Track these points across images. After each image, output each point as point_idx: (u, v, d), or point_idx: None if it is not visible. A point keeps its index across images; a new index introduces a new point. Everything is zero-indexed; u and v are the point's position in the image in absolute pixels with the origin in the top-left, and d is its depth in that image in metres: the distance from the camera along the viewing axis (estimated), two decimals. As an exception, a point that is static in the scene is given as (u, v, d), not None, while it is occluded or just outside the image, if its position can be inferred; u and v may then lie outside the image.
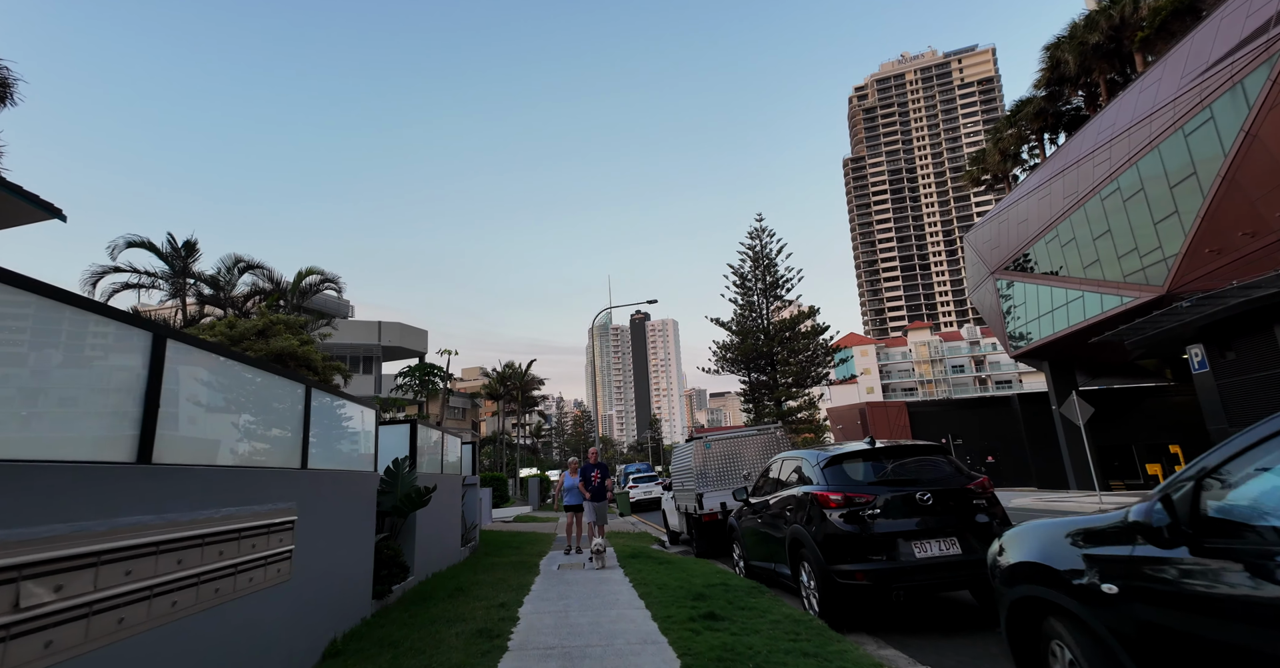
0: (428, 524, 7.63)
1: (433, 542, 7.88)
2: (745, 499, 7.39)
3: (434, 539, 7.93)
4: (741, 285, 43.97)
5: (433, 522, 7.93)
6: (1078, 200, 24.53)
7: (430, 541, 7.72)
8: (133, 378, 2.71)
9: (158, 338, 2.82)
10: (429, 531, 7.69)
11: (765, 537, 6.63)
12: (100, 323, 2.64)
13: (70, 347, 2.53)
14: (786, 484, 6.31)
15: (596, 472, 10.28)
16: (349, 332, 32.93)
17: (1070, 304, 26.30)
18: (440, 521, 8.37)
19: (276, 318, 14.05)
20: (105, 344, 2.69)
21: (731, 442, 10.77)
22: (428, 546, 7.61)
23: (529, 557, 10.39)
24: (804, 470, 5.87)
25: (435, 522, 8.06)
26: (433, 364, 21.90)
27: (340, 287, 18.87)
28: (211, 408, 3.47)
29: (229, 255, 17.36)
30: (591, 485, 10.22)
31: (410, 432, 7.24)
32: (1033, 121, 29.81)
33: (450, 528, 9.14)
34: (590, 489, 10.23)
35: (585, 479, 10.33)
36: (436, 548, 8.12)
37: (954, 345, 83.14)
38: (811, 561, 5.24)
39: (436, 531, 8.11)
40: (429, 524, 7.70)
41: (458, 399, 55.57)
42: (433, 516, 7.93)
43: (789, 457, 6.56)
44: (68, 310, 2.40)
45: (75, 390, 2.58)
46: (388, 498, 6.61)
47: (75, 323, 2.48)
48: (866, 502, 5.03)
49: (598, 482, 10.25)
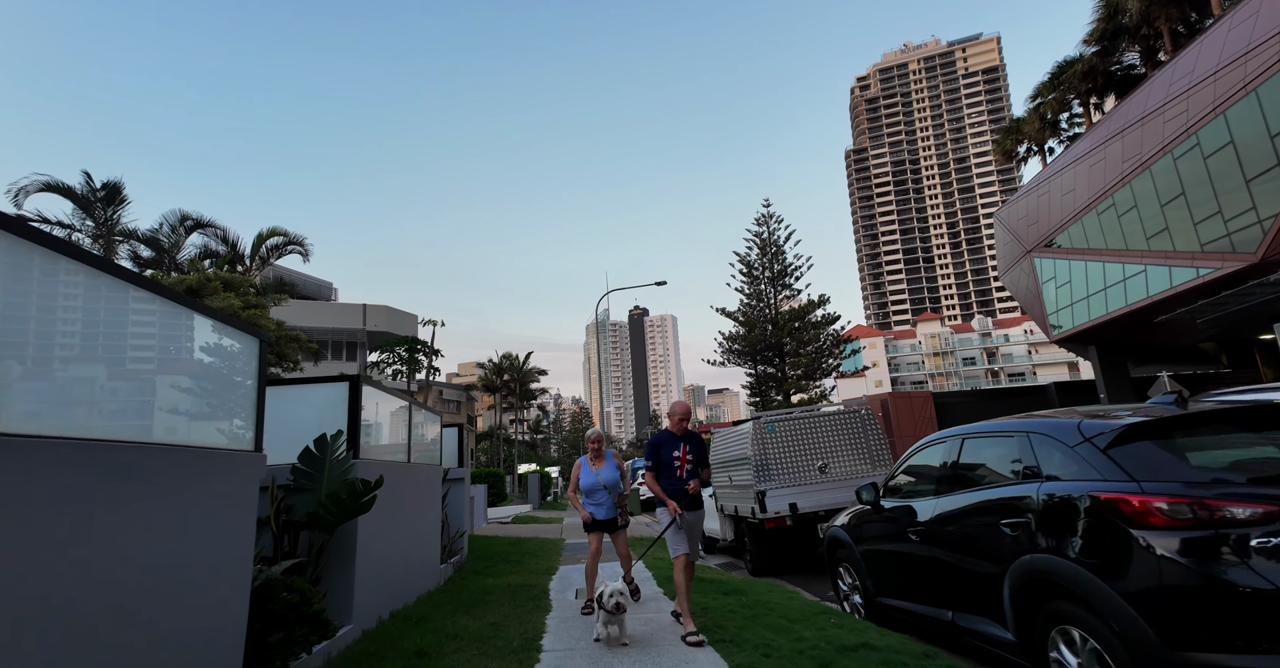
0: (379, 540, 4.99)
1: (389, 566, 5.23)
2: (874, 501, 4.75)
3: (391, 563, 5.28)
4: (748, 274, 41.71)
5: (389, 535, 5.28)
6: (1141, 162, 21.89)
7: (383, 566, 5.07)
8: None
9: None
10: (381, 550, 5.04)
11: (925, 565, 4.01)
12: None
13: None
14: (979, 481, 3.68)
15: (684, 448, 4.85)
16: (331, 315, 30.26)
17: (1129, 280, 23.68)
18: (402, 532, 5.71)
19: (212, 274, 11.37)
20: None
21: (800, 424, 8.14)
22: (379, 574, 4.97)
23: (534, 576, 7.76)
24: (1040, 455, 3.21)
25: (393, 535, 5.41)
26: (416, 338, 19.20)
27: (307, 250, 16.18)
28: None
29: (174, 211, 14.67)
30: (677, 479, 4.77)
31: (349, 396, 4.59)
32: (1080, 83, 27.19)
33: (422, 541, 6.49)
34: (675, 488, 4.74)
35: (658, 465, 4.85)
36: (397, 574, 5.47)
37: (964, 337, 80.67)
38: (1107, 631, 2.61)
39: (396, 548, 5.46)
40: (382, 540, 5.05)
41: (453, 392, 52.92)
42: (389, 525, 5.29)
43: (985, 432, 3.86)
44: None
45: None
46: (302, 499, 3.98)
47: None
48: (1256, 517, 2.40)
49: (686, 469, 4.79)
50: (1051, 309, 29.46)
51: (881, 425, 8.17)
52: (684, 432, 4.89)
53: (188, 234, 14.88)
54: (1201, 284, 19.63)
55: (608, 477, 5.58)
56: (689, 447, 4.86)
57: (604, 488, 5.55)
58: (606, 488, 5.55)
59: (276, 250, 16.28)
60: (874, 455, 7.99)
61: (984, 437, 3.77)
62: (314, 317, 29.60)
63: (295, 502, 3.97)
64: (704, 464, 4.97)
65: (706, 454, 5.07)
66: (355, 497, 3.87)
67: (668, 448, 4.85)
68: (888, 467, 7.96)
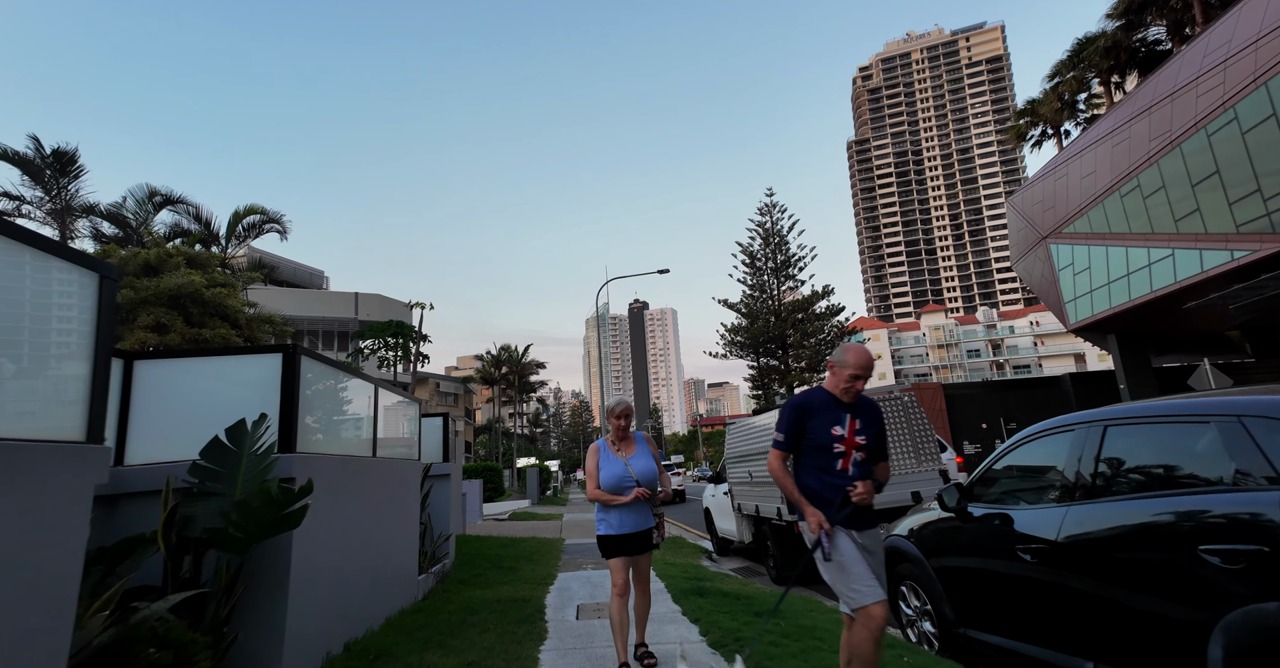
0: (330, 554, 3.94)
1: (344, 587, 4.19)
2: (959, 507, 3.71)
3: (347, 581, 4.24)
4: (751, 265, 40.86)
5: (345, 547, 4.24)
6: (1171, 140, 20.74)
7: (335, 586, 4.03)
8: None
9: None
10: (334, 567, 4.00)
11: (1050, 596, 2.96)
12: None
13: None
14: (1144, 486, 2.62)
15: (853, 422, 2.88)
16: (322, 304, 29.17)
17: (1154, 265, 22.59)
18: (365, 541, 4.67)
19: (175, 249, 10.30)
20: None
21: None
22: (328, 597, 3.93)
23: (528, 588, 6.73)
24: (1272, 448, 2.15)
25: (352, 546, 4.37)
26: (402, 323, 18.03)
27: (285, 227, 15.11)
28: None
29: (140, 186, 13.56)
30: (834, 473, 2.85)
31: (283, 372, 3.53)
32: (1102, 59, 26.01)
33: (394, 550, 5.46)
34: (827, 487, 2.84)
35: (802, 444, 2.93)
36: (356, 594, 4.43)
37: (969, 329, 79.63)
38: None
39: (355, 563, 4.41)
40: (334, 553, 4.01)
41: (450, 384, 51.94)
42: (344, 534, 4.25)
43: (1144, 417, 2.64)
44: None
45: None
46: (207, 508, 2.93)
47: None
48: None
49: (855, 459, 2.86)
50: (1069, 297, 28.37)
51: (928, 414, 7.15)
52: (856, 398, 2.89)
53: (156, 211, 13.78)
54: (1236, 268, 18.54)
55: (642, 469, 3.72)
56: (861, 422, 2.86)
57: (637, 485, 3.67)
58: (640, 484, 3.67)
59: (254, 229, 15.21)
60: (919, 447, 6.96)
61: (1146, 423, 2.71)
62: (304, 305, 28.53)
63: (197, 511, 2.92)
64: (883, 455, 3.05)
65: (885, 440, 3.09)
66: (273, 506, 2.81)
67: (824, 419, 2.83)
68: (935, 461, 6.93)
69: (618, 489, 3.71)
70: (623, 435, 3.90)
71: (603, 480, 3.76)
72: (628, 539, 3.74)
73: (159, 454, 3.33)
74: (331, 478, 4.07)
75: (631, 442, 3.91)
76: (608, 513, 3.77)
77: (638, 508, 3.75)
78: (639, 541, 3.76)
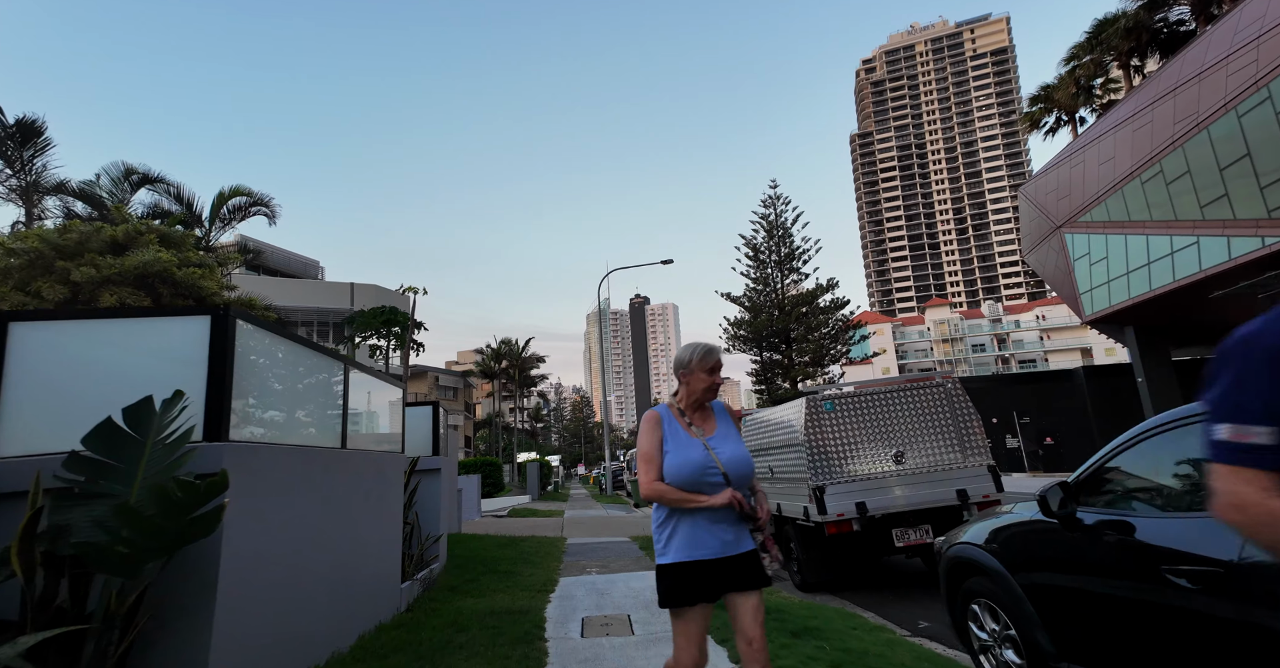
0: (276, 568, 3.19)
1: (300, 604, 3.43)
2: (1067, 512, 2.95)
3: (303, 598, 3.48)
4: (754, 258, 40.21)
5: (301, 555, 3.49)
6: (1198, 122, 19.91)
7: (287, 605, 3.27)
8: None
9: None
10: (285, 581, 3.24)
11: (1223, 636, 2.21)
12: None
13: None
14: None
15: None
16: (317, 294, 28.39)
17: (1177, 254, 21.81)
18: (330, 548, 3.92)
19: (146, 225, 9.53)
20: None
21: (868, 401, 6.32)
22: (276, 621, 3.18)
23: (526, 596, 5.99)
24: None
25: (311, 554, 3.61)
26: (394, 309, 17.16)
27: (273, 210, 14.31)
28: None
29: (115, 163, 12.78)
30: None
31: (212, 339, 2.78)
32: (1122, 41, 25.12)
33: (369, 555, 4.71)
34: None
35: None
36: (317, 613, 3.67)
37: (974, 323, 78.78)
38: None
39: (313, 575, 3.65)
40: (282, 566, 3.26)
41: (449, 378, 51.27)
42: (302, 539, 3.50)
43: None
44: None
45: None
46: (88, 512, 2.17)
47: None
48: None
49: None
50: (1084, 288, 27.58)
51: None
52: None
53: (134, 190, 13.00)
54: (1268, 254, 17.76)
55: (732, 457, 2.30)
56: None
57: (724, 483, 2.26)
58: (730, 483, 2.26)
59: (240, 212, 14.41)
60: (966, 440, 6.20)
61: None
62: (298, 296, 27.77)
63: (74, 519, 2.16)
64: None
65: None
66: (174, 510, 2.06)
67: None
68: (984, 455, 6.18)
69: (696, 484, 2.21)
70: (699, 406, 2.44)
71: (671, 469, 2.23)
72: (713, 572, 2.16)
73: (40, 444, 2.57)
74: (283, 472, 3.32)
75: (710, 415, 2.46)
76: (675, 523, 2.23)
77: (725, 517, 2.23)
78: (734, 572, 2.18)
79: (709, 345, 2.44)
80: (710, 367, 2.41)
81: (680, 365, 2.45)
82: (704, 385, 2.40)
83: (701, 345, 2.46)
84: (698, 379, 2.41)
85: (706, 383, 2.40)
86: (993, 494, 6.00)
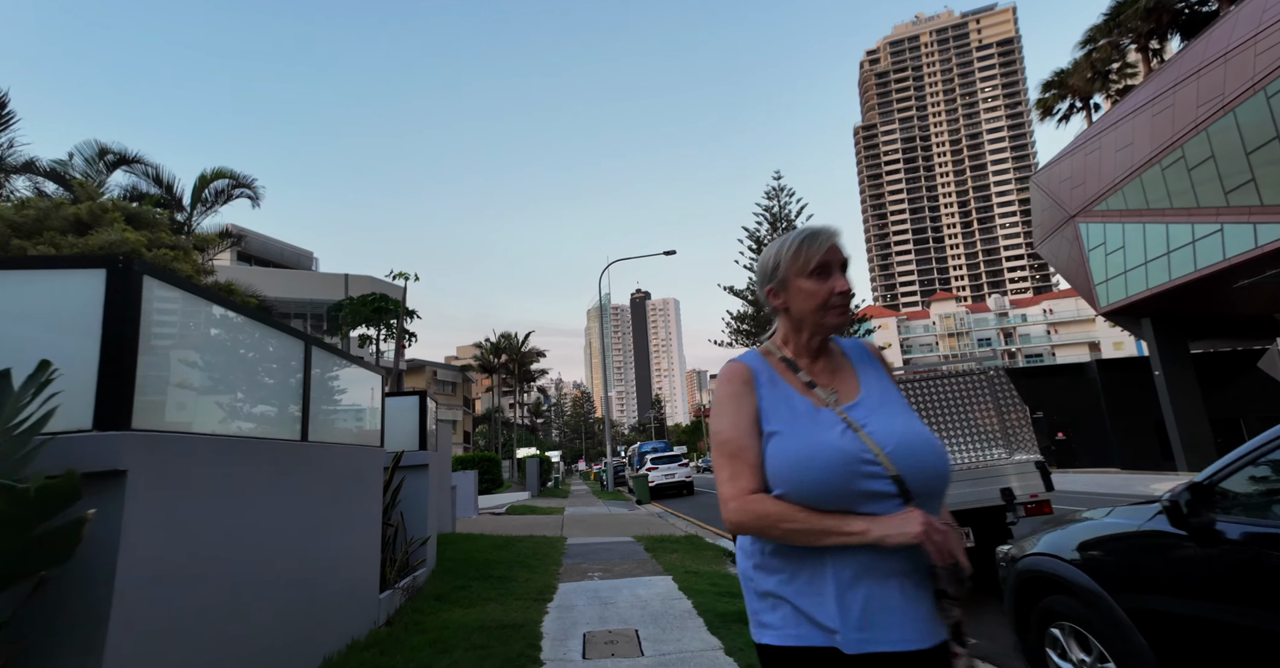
0: (198, 599, 2.56)
1: (237, 637, 2.80)
2: (1202, 521, 2.32)
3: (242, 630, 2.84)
4: (757, 250, 39.60)
5: (235, 577, 2.86)
6: (1224, 104, 19.15)
7: (211, 649, 2.64)
8: None
9: None
10: (204, 616, 2.61)
11: None
12: None
13: None
14: None
15: None
16: (311, 285, 27.78)
17: (1199, 242, 21.08)
18: (279, 563, 3.29)
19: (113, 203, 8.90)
20: None
21: (906, 391, 5.69)
22: (211, 649, 2.56)
23: (521, 606, 5.38)
24: None
25: (249, 575, 2.97)
26: (383, 296, 16.44)
27: (257, 194, 13.67)
28: None
29: (89, 142, 12.14)
30: None
31: (107, 299, 2.15)
32: (1141, 22, 24.32)
33: (339, 564, 4.10)
34: None
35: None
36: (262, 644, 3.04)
37: (980, 317, 77.98)
38: None
39: (253, 601, 3.00)
40: (206, 596, 2.62)
41: (448, 372, 50.71)
42: (239, 558, 2.86)
43: None
44: None
45: None
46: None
47: None
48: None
49: None
50: (1099, 279, 26.87)
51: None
52: None
53: (109, 171, 12.35)
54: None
55: (901, 440, 1.12)
56: None
57: (895, 492, 1.08)
58: (908, 493, 1.08)
59: (223, 195, 13.76)
60: (1011, 433, 5.56)
61: None
62: (292, 287, 27.16)
63: None
64: None
65: None
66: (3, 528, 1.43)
67: None
68: (1032, 449, 5.54)
69: (840, 494, 1.08)
70: (819, 347, 1.29)
71: (788, 468, 1.12)
72: None
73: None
74: (216, 470, 2.70)
75: (843, 363, 1.30)
76: (793, 573, 1.13)
77: (902, 565, 1.09)
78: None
79: (810, 228, 1.26)
80: (815, 264, 1.23)
81: (766, 276, 1.30)
82: (816, 303, 1.22)
83: (799, 232, 1.27)
84: (800, 292, 1.24)
85: (819, 296, 1.22)
86: (1041, 493, 5.37)
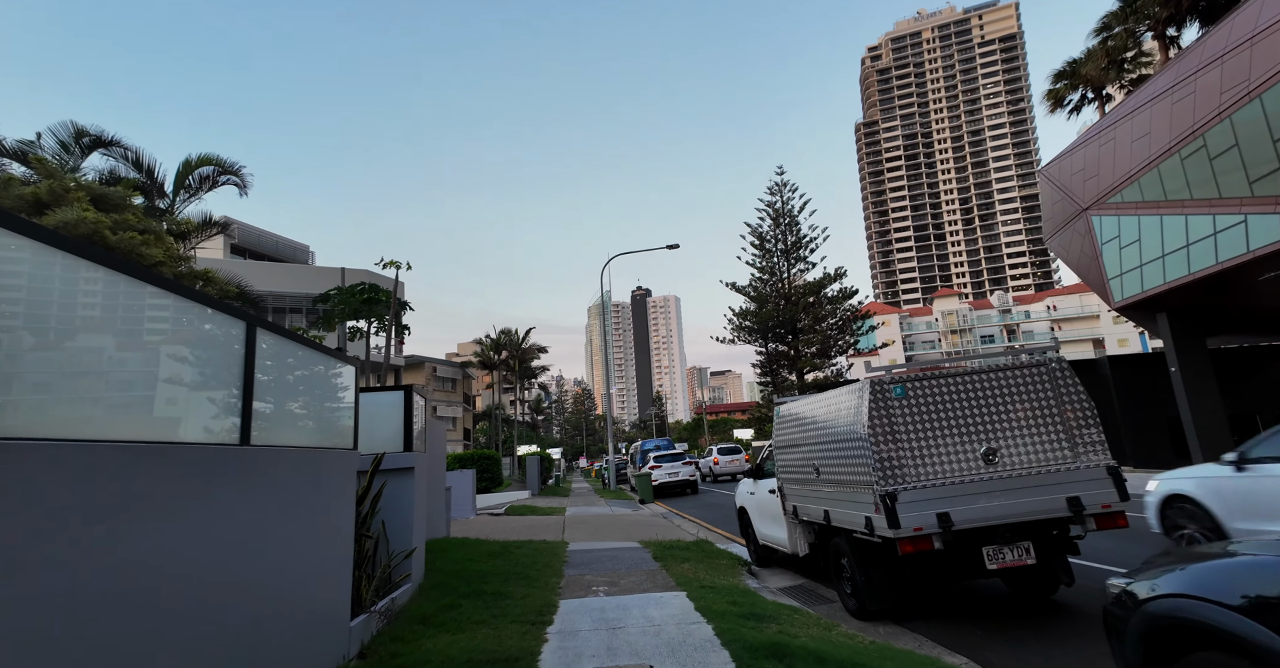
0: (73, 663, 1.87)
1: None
2: None
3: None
4: (760, 246, 39.07)
5: (146, 622, 2.17)
6: (1250, 90, 18.39)
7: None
8: None
9: None
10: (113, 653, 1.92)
11: None
12: None
13: None
14: None
15: None
16: (307, 279, 27.10)
17: (1220, 234, 20.34)
18: (210, 598, 2.60)
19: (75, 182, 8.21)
20: None
21: (949, 385, 4.99)
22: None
23: (516, 631, 4.68)
24: None
25: (161, 619, 2.29)
26: (376, 285, 15.72)
27: (244, 181, 12.99)
28: None
29: (64, 123, 11.44)
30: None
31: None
32: (1160, 8, 23.55)
33: (292, 598, 3.41)
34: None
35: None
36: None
37: (983, 314, 77.30)
38: None
39: (175, 654, 2.33)
40: (85, 661, 1.94)
41: (448, 369, 50.04)
42: (148, 597, 2.18)
43: None
44: None
45: None
46: None
47: None
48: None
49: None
50: (1113, 273, 26.10)
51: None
52: None
53: (85, 154, 11.65)
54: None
55: None
56: None
57: None
58: None
59: (208, 182, 13.07)
60: (1076, 434, 4.87)
61: None
62: (286, 281, 26.49)
63: None
64: None
65: None
66: None
67: None
68: (1101, 452, 4.85)
69: None
70: None
71: None
72: None
73: None
74: (91, 486, 2.01)
75: None
76: None
77: None
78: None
79: None
80: None
81: None
82: None
83: None
84: None
85: None
86: (1115, 504, 4.68)
